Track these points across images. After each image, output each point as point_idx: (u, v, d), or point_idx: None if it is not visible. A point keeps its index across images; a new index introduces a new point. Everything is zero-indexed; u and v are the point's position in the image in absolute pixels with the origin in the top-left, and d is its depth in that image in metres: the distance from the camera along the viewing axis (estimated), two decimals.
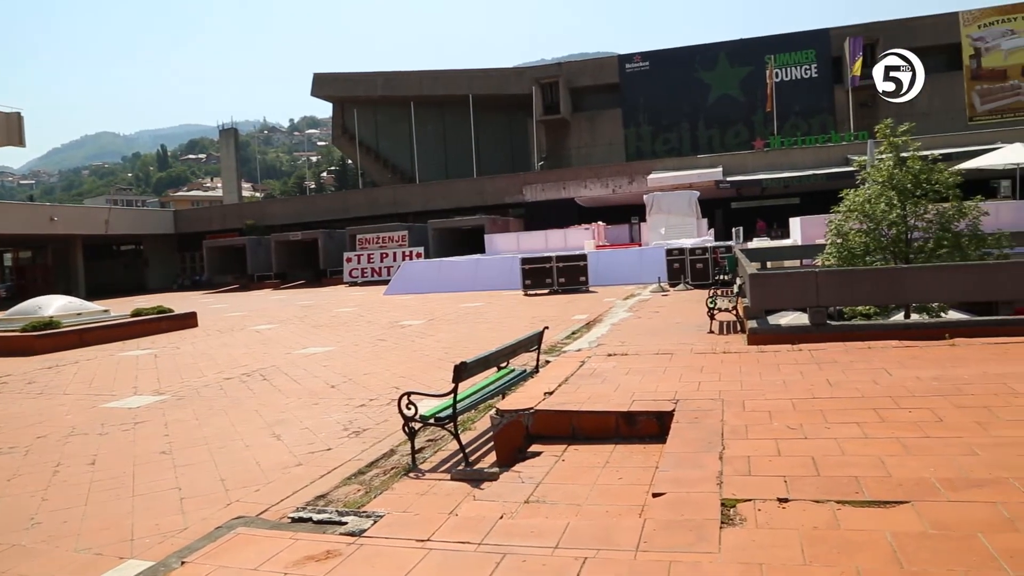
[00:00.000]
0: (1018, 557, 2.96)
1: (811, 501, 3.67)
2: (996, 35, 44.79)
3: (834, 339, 8.29)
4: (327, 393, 9.03)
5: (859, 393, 5.70)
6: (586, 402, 5.85)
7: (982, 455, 4.17)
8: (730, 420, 5.15)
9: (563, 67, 53.93)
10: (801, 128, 46.13)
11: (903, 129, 14.74)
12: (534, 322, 14.46)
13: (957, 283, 9.77)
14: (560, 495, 4.42)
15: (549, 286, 22.15)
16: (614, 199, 41.09)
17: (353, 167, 69.87)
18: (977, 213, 13.67)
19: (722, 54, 48.92)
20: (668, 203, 29.48)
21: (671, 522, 3.58)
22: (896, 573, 2.91)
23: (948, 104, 45.01)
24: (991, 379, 5.89)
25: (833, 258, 14.39)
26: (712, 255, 20.95)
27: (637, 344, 10.00)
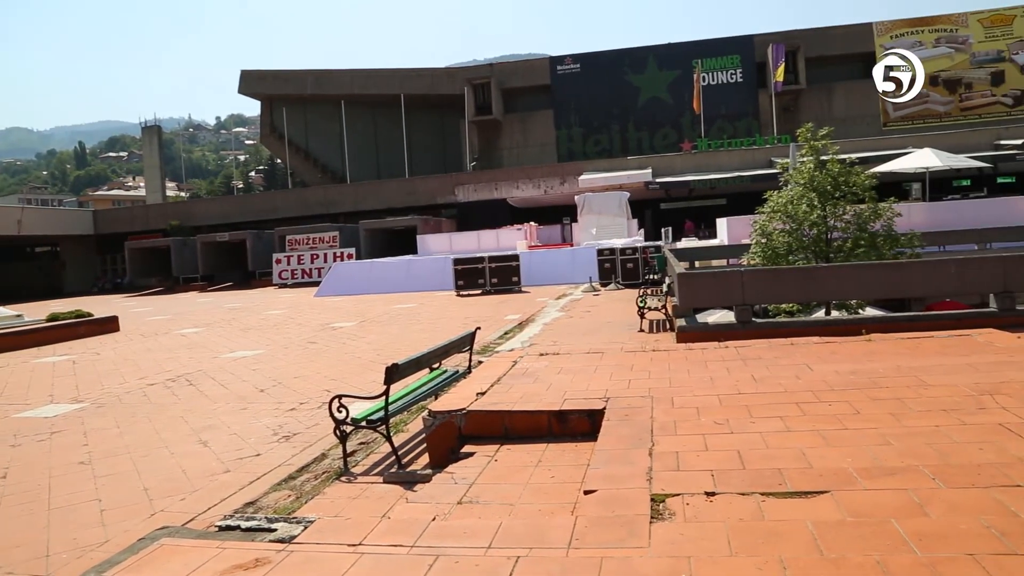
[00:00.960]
0: (927, 540, 3.12)
1: (737, 494, 3.78)
2: (907, 46, 46.79)
3: (759, 336, 8.54)
4: (256, 397, 8.84)
5: (782, 388, 5.89)
6: (518, 402, 5.88)
7: (895, 445, 4.37)
8: (659, 417, 5.25)
9: (495, 68, 54.08)
10: (727, 131, 47.37)
11: (822, 133, 15.28)
12: (467, 323, 14.45)
13: (873, 281, 10.17)
14: (493, 495, 4.44)
15: (482, 286, 22.16)
16: (546, 200, 41.37)
17: (282, 166, 68.57)
18: (891, 214, 14.29)
19: (651, 58, 49.83)
20: (599, 204, 29.82)
21: (602, 518, 3.63)
22: (816, 560, 3.03)
23: (864, 110, 46.94)
24: (904, 372, 6.16)
25: (758, 257, 14.82)
26: (642, 255, 21.31)
27: (569, 343, 10.10)
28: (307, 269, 35.92)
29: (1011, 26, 45.94)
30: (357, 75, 54.85)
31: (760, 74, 47.71)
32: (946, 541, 3.10)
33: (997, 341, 7.34)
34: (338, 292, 26.40)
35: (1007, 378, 5.76)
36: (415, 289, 25.15)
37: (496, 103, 50.57)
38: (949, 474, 3.85)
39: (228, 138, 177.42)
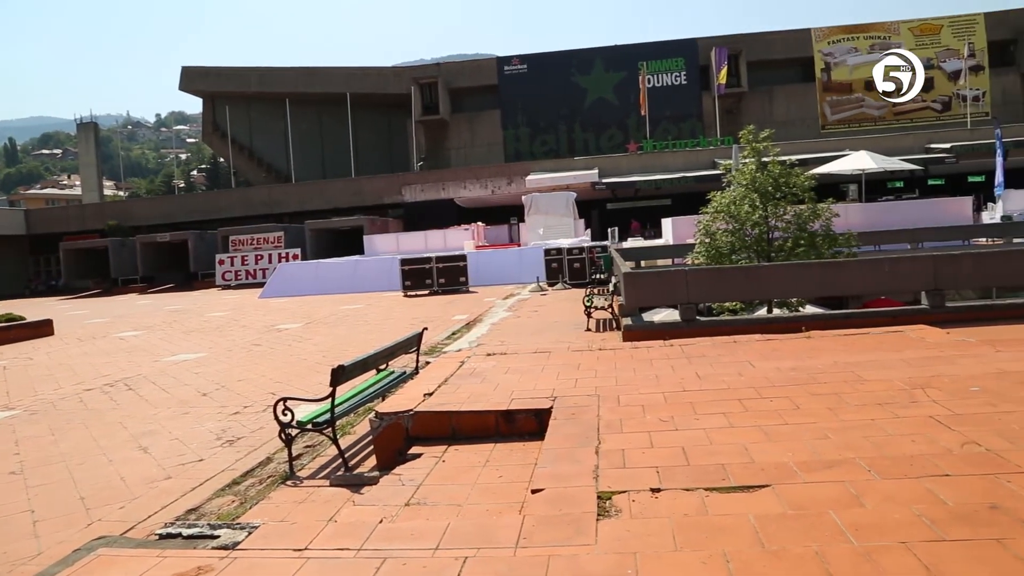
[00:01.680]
0: (863, 530, 3.22)
1: (682, 490, 3.85)
2: (843, 51, 48.37)
3: (703, 334, 8.70)
4: (198, 401, 8.65)
5: (725, 385, 6.01)
6: (466, 402, 5.87)
7: (833, 438, 4.50)
8: (606, 415, 5.31)
9: (442, 68, 53.87)
10: (672, 132, 48.07)
11: (764, 135, 15.64)
12: (414, 323, 14.38)
13: (813, 279, 10.45)
14: (441, 496, 4.42)
15: (429, 287, 22.07)
16: (493, 200, 41.39)
17: (226, 166, 67.18)
18: (829, 215, 14.71)
19: (598, 59, 50.28)
20: (546, 204, 29.96)
21: (550, 517, 3.66)
22: (758, 553, 3.10)
23: (803, 113, 48.21)
24: (841, 368, 6.35)
25: (702, 257, 15.10)
26: (589, 255, 21.48)
27: (516, 343, 10.13)
28: (251, 270, 35.28)
29: (939, 35, 47.72)
30: (302, 73, 54.02)
31: (704, 77, 48.53)
32: (881, 530, 3.21)
33: (928, 337, 7.61)
34: (283, 293, 26.00)
35: (937, 372, 5.98)
36: (362, 290, 24.92)
37: (443, 103, 50.42)
38: (884, 466, 3.98)
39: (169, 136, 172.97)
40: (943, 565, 2.87)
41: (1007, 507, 3.36)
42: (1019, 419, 4.62)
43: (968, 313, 9.11)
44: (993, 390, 5.35)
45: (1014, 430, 4.41)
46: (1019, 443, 4.19)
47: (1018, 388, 5.36)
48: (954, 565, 2.87)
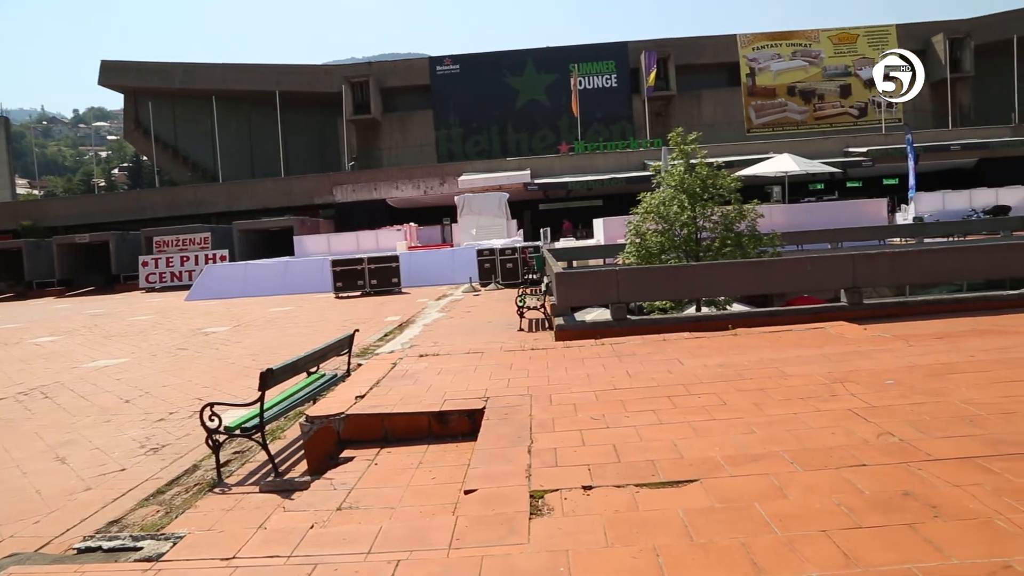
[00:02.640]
0: (786, 520, 3.34)
1: (613, 486, 3.91)
2: (767, 57, 49.91)
3: (634, 333, 8.84)
4: (121, 409, 8.34)
5: (655, 382, 6.12)
6: (398, 404, 5.83)
7: (758, 432, 4.64)
8: (538, 414, 5.35)
9: (374, 67, 53.31)
10: (603, 134, 48.70)
11: (691, 138, 16.00)
12: (345, 325, 14.19)
13: (739, 278, 10.72)
14: (373, 499, 4.39)
15: (361, 288, 21.80)
16: (426, 200, 41.20)
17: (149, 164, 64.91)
18: (755, 215, 15.15)
19: (530, 61, 50.58)
20: (479, 204, 29.96)
21: (483, 517, 3.67)
22: (687, 546, 3.18)
23: (729, 116, 49.55)
24: (766, 364, 6.55)
25: (632, 257, 15.35)
26: (521, 255, 21.56)
27: (449, 344, 10.11)
28: (177, 272, 34.20)
29: (855, 44, 49.74)
30: (230, 70, 52.64)
31: (634, 79, 49.32)
32: (803, 520, 3.33)
33: (847, 333, 7.91)
34: (210, 296, 25.30)
35: (855, 367, 6.22)
36: (292, 291, 24.44)
37: (375, 102, 49.94)
38: (805, 458, 4.13)
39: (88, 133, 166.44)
40: (859, 551, 3.00)
41: (918, 494, 3.53)
42: (929, 410, 4.85)
43: (883, 310, 9.49)
44: (906, 383, 5.60)
45: (925, 420, 4.63)
46: (929, 433, 4.40)
47: (929, 380, 5.62)
48: (870, 550, 3.00)
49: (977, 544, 3.00)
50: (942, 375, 5.78)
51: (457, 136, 50.80)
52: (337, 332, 11.71)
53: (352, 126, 49.94)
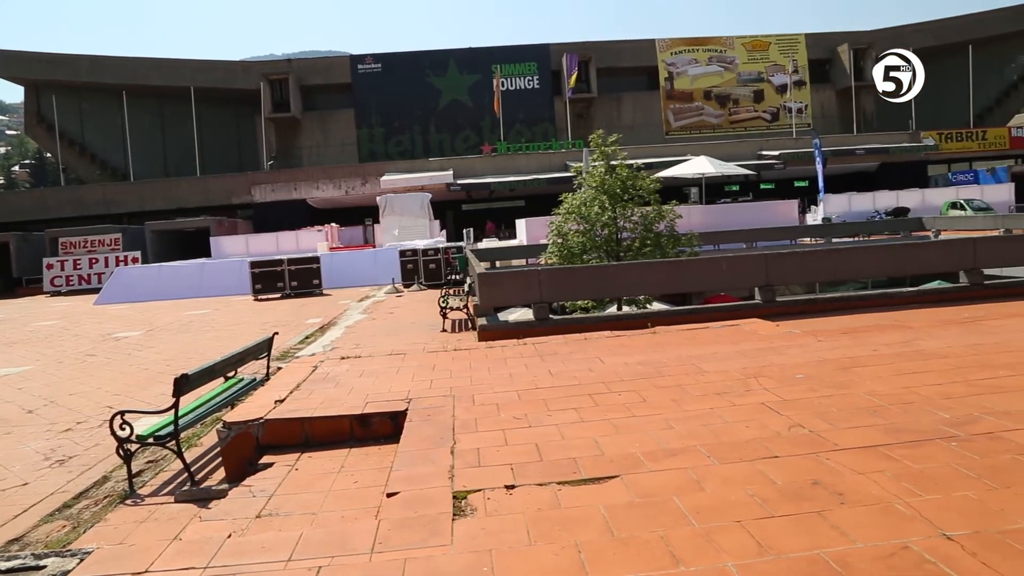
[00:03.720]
0: (703, 512, 3.44)
1: (535, 485, 3.94)
2: (685, 62, 51.25)
3: (556, 332, 8.93)
4: (22, 420, 7.93)
5: (577, 381, 6.20)
6: (319, 407, 5.74)
7: (677, 428, 4.75)
8: (461, 415, 5.35)
9: (293, 64, 52.16)
10: (525, 135, 49.04)
11: (612, 140, 16.28)
12: (265, 328, 13.86)
13: (658, 277, 10.98)
14: (294, 505, 4.30)
15: (281, 290, 21.34)
16: (347, 200, 40.68)
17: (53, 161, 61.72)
18: (673, 216, 15.53)
19: (452, 61, 50.48)
20: (401, 205, 29.77)
21: (406, 520, 3.64)
22: (609, 541, 3.23)
23: (649, 119, 50.63)
24: (684, 361, 6.72)
25: (555, 257, 15.51)
26: (444, 256, 21.50)
27: (371, 346, 10.00)
28: (85, 275, 32.70)
29: (767, 51, 51.60)
30: (141, 63, 50.49)
31: (556, 81, 49.83)
32: (719, 512, 3.44)
33: (761, 330, 8.19)
34: (122, 299, 24.30)
35: (768, 362, 6.45)
36: (209, 294, 23.72)
37: (295, 100, 48.96)
38: (721, 451, 4.25)
39: None
40: (772, 539, 3.11)
41: (826, 482, 3.69)
42: (837, 402, 5.07)
43: (795, 307, 9.87)
44: (815, 376, 5.84)
45: (833, 412, 4.84)
46: (837, 424, 4.59)
47: (836, 374, 5.88)
48: (782, 538, 3.12)
49: (879, 528, 3.16)
50: (848, 368, 6.05)
51: (379, 136, 50.29)
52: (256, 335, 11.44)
53: (271, 124, 48.83)
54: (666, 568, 2.95)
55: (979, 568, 2.77)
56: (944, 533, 3.07)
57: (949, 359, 6.20)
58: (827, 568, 2.84)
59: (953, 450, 4.03)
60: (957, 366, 5.92)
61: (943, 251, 12.14)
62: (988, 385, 5.28)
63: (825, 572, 2.82)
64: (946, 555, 2.88)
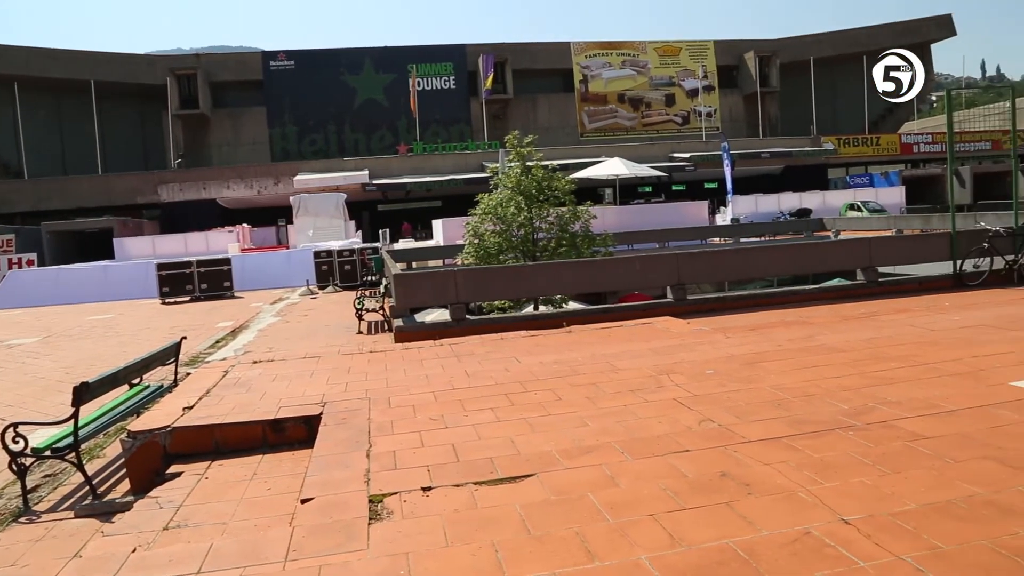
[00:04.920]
0: (617, 508, 3.52)
1: (452, 486, 3.94)
2: (599, 65, 52.13)
3: (472, 332, 8.94)
4: None
5: (493, 381, 6.23)
6: (230, 413, 5.58)
7: (591, 425, 4.84)
8: (377, 418, 5.30)
9: (202, 59, 50.45)
10: (442, 135, 48.87)
11: (527, 141, 16.42)
12: (173, 332, 13.35)
13: (574, 277, 11.12)
14: (204, 515, 4.16)
15: (190, 293, 20.63)
16: (260, 200, 39.70)
17: None
18: (588, 216, 15.79)
19: (368, 60, 49.86)
20: (315, 205, 29.28)
21: (321, 526, 3.59)
22: (525, 540, 3.26)
23: (564, 121, 51.24)
24: (598, 359, 6.84)
25: (471, 257, 15.53)
26: (360, 257, 21.22)
27: (285, 349, 9.79)
28: None
29: (678, 56, 53.04)
30: (36, 54, 47.55)
31: (472, 82, 49.90)
32: (633, 507, 3.52)
33: (672, 328, 8.41)
34: (15, 304, 22.99)
35: (679, 359, 6.64)
36: (113, 298, 22.70)
37: (203, 97, 47.33)
38: (635, 447, 4.35)
39: None
40: (683, 531, 3.21)
41: (734, 474, 3.83)
42: (744, 396, 5.26)
43: (705, 305, 10.17)
44: (724, 372, 6.04)
45: (740, 406, 5.02)
46: (744, 417, 4.77)
47: (744, 369, 6.10)
48: (692, 530, 3.22)
49: (783, 515, 3.30)
50: (755, 364, 6.29)
51: (292, 135, 49.19)
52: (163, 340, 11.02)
53: (178, 121, 47.05)
54: (581, 564, 3.00)
55: (873, 549, 2.93)
56: (842, 518, 3.23)
57: (847, 353, 6.52)
58: (735, 557, 2.95)
59: (851, 439, 4.25)
60: (855, 359, 6.24)
61: (842, 250, 12.74)
62: (882, 377, 5.58)
63: (733, 561, 2.92)
64: (844, 538, 3.03)
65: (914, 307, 9.05)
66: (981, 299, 9.49)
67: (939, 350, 6.44)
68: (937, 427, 4.37)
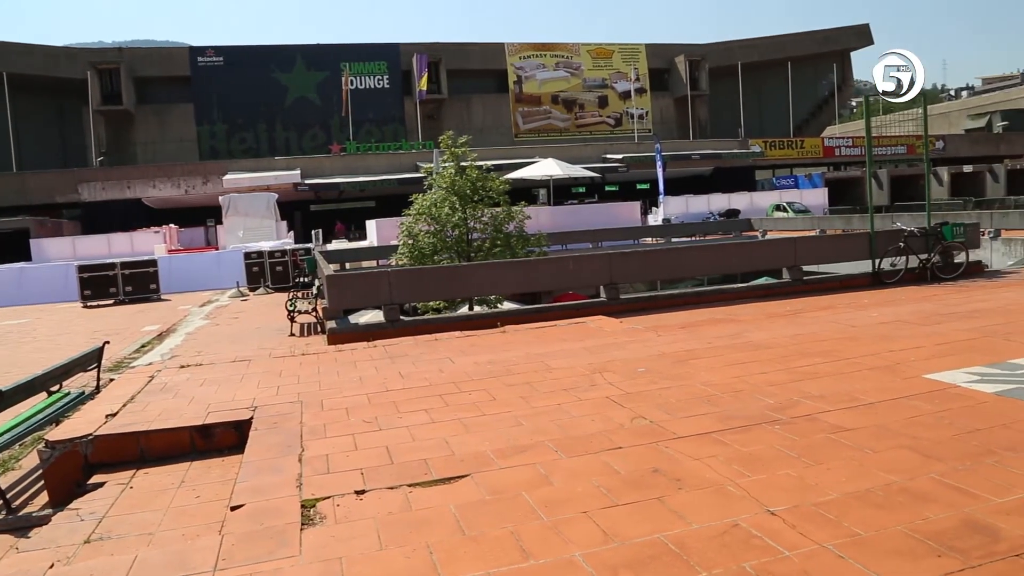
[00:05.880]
0: (551, 506, 3.55)
1: (386, 488, 3.91)
2: (533, 66, 52.44)
3: (407, 333, 8.89)
4: None
5: (427, 382, 6.21)
6: (156, 420, 5.41)
7: (526, 424, 4.86)
8: (309, 421, 5.22)
9: (125, 53, 48.78)
10: (375, 135, 48.40)
11: (462, 141, 16.41)
12: (95, 337, 12.89)
13: (508, 277, 11.17)
14: (128, 527, 4.03)
15: (114, 296, 19.93)
16: (188, 200, 38.65)
17: None
18: (522, 217, 15.87)
19: (299, 57, 49.05)
20: (245, 205, 28.68)
21: (251, 533, 3.51)
22: (460, 541, 3.26)
23: (498, 122, 51.36)
24: (532, 359, 6.88)
25: (406, 258, 15.44)
26: (292, 258, 20.86)
27: (214, 353, 9.55)
28: None
29: (611, 59, 53.79)
30: None
31: (406, 81, 49.57)
32: (567, 504, 3.55)
33: (605, 327, 8.53)
34: None
35: (612, 357, 6.73)
36: (30, 302, 21.74)
37: (127, 92, 45.73)
38: (569, 445, 4.39)
39: None
40: (616, 527, 3.26)
41: (665, 470, 3.90)
42: (675, 393, 5.37)
43: (637, 304, 10.34)
44: (656, 369, 6.15)
45: (671, 403, 5.12)
46: (675, 414, 4.87)
47: (675, 367, 6.22)
48: (625, 525, 3.27)
49: (713, 509, 3.39)
50: (685, 361, 6.43)
51: (221, 132, 47.99)
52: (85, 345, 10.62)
53: (101, 117, 45.33)
54: (516, 562, 3.02)
55: (797, 538, 3.03)
56: (769, 509, 3.33)
57: (773, 349, 6.72)
58: (666, 550, 3.01)
59: (777, 433, 4.38)
60: (780, 355, 6.43)
61: (769, 250, 13.13)
62: (806, 372, 5.77)
63: (665, 555, 2.98)
64: (770, 529, 3.13)
65: (836, 304, 9.38)
66: (898, 296, 9.91)
67: (859, 345, 6.70)
68: (857, 419, 4.54)
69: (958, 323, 7.52)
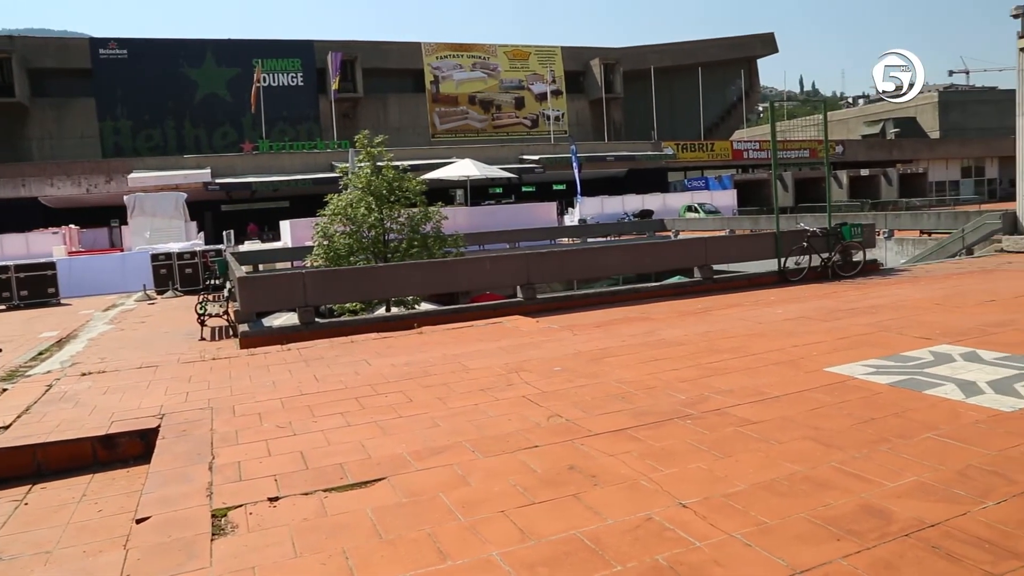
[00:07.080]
0: (469, 506, 3.56)
1: (300, 494, 3.84)
2: (450, 67, 52.34)
3: (322, 336, 8.75)
4: None
5: (343, 385, 6.13)
6: (54, 431, 5.15)
7: (443, 426, 4.86)
8: (220, 428, 5.07)
9: (17, 41, 46.09)
10: (289, 134, 47.36)
11: (378, 141, 16.26)
12: None
13: (425, 278, 11.12)
14: (23, 545, 3.82)
15: (7, 301, 18.86)
16: (90, 199, 36.94)
17: None
18: (439, 217, 15.84)
19: (209, 52, 47.50)
20: (152, 205, 27.62)
21: (158, 546, 3.39)
22: (376, 544, 3.23)
23: (415, 121, 51.06)
24: (449, 360, 6.88)
25: (321, 259, 15.18)
26: (202, 259, 20.21)
27: (119, 359, 9.15)
28: None
29: (528, 61, 54.23)
30: None
31: (321, 79, 48.65)
32: (484, 504, 3.57)
33: (522, 326, 8.60)
34: None
35: (528, 357, 6.80)
36: None
37: (20, 84, 43.28)
38: (486, 445, 4.41)
39: None
40: (533, 525, 3.29)
41: (581, 467, 3.97)
42: (590, 391, 5.46)
43: (553, 303, 10.47)
44: (571, 368, 6.25)
45: (587, 401, 5.21)
46: (590, 411, 4.95)
47: (589, 365, 6.33)
48: (542, 523, 3.31)
49: (627, 504, 3.47)
50: (600, 359, 6.54)
51: (126, 129, 46.02)
52: None
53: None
54: (433, 564, 3.01)
55: (708, 529, 3.14)
56: (681, 502, 3.43)
57: (685, 346, 6.92)
58: (582, 546, 3.06)
59: (688, 427, 4.51)
60: (691, 352, 6.63)
61: (681, 250, 13.49)
62: (715, 368, 5.96)
63: (580, 550, 3.03)
64: (682, 521, 3.23)
65: (744, 302, 9.73)
66: (802, 293, 10.35)
67: (765, 341, 6.96)
68: (764, 412, 4.72)
69: (856, 318, 7.92)
